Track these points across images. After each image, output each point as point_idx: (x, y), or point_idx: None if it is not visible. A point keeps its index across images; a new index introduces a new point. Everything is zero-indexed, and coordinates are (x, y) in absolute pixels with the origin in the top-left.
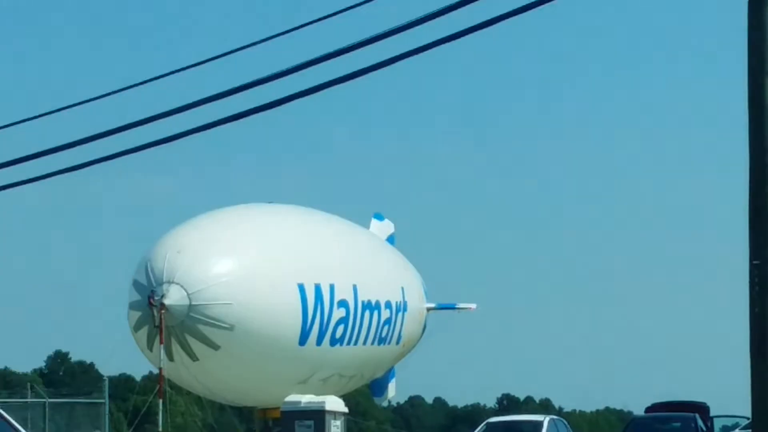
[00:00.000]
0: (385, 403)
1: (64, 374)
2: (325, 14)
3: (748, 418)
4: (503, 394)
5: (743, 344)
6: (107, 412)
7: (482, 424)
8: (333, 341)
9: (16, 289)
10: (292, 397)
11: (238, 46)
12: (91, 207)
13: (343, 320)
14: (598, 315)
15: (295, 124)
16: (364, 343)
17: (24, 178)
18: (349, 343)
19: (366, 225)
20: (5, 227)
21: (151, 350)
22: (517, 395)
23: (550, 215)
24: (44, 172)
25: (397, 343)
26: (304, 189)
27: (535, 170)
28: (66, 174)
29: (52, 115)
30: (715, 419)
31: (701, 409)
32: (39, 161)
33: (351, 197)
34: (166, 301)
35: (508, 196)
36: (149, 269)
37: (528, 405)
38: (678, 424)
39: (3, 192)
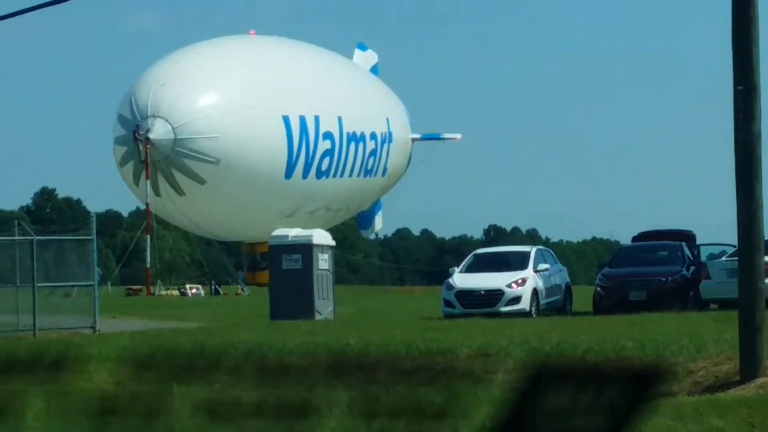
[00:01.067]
0: (372, 236)
1: (51, 211)
2: None
3: (734, 246)
4: (490, 225)
5: (729, 174)
6: (95, 248)
7: (469, 256)
8: (319, 174)
9: (1, 126)
10: (279, 231)
11: None
12: (74, 42)
13: (328, 152)
14: (584, 145)
15: None
16: (350, 175)
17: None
18: (335, 176)
19: (349, 55)
20: None
21: (137, 185)
22: (503, 226)
23: (537, 43)
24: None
25: (383, 174)
26: (287, 19)
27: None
28: (50, 7)
29: None
30: (701, 247)
31: (688, 237)
32: None
33: (334, 27)
34: (151, 136)
35: (494, 24)
36: (133, 103)
37: (515, 236)
38: (665, 253)
39: None
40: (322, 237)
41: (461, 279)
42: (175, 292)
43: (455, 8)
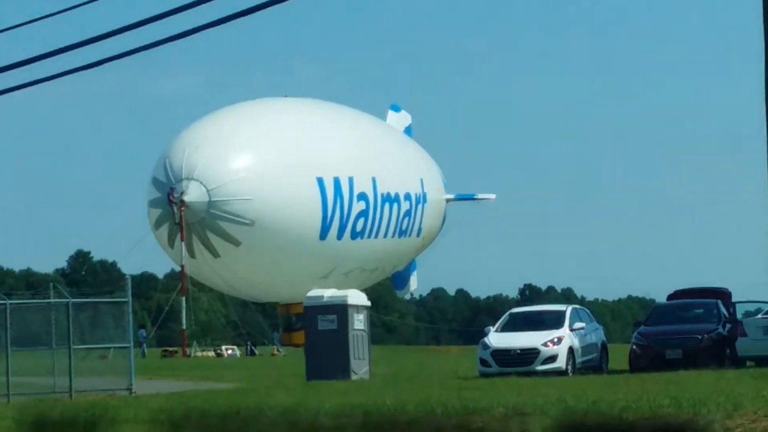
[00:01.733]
0: (407, 296)
1: (86, 273)
2: None
3: None
4: (525, 285)
5: (765, 232)
6: (131, 310)
7: (505, 315)
8: (354, 235)
9: (37, 190)
10: (314, 292)
11: None
12: (108, 106)
13: (363, 213)
14: (619, 204)
15: (308, 19)
16: (385, 236)
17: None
18: (369, 236)
19: (383, 117)
20: (25, 127)
21: (172, 247)
22: (539, 285)
23: (570, 103)
24: (62, 70)
25: (418, 235)
26: (320, 82)
27: (555, 64)
28: (83, 72)
29: (67, 13)
30: (737, 305)
31: (723, 295)
32: (56, 59)
33: (367, 89)
34: (186, 198)
35: (527, 87)
36: (168, 166)
37: (550, 294)
38: (700, 311)
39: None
40: (357, 297)
41: (497, 338)
42: (211, 353)
43: (488, 68)
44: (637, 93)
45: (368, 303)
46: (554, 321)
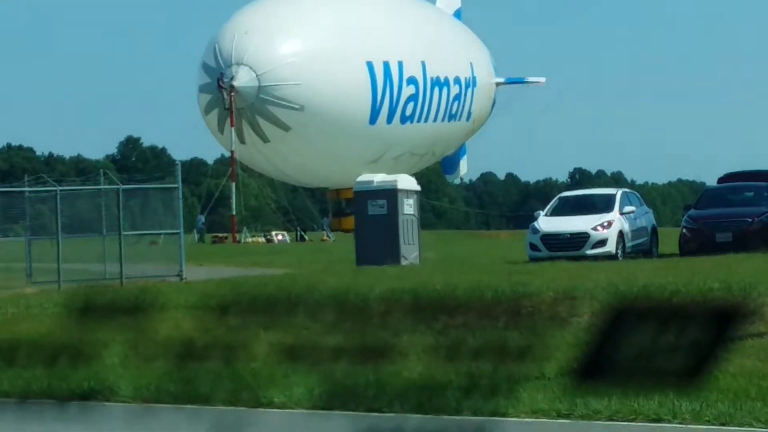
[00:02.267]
0: (457, 181)
1: (137, 159)
2: None
3: None
4: (575, 168)
5: None
6: (181, 196)
7: (555, 199)
8: (403, 119)
9: (87, 76)
10: (364, 177)
11: None
12: None
13: (412, 97)
14: (669, 86)
15: None
16: (435, 120)
17: None
18: (419, 121)
19: (432, 0)
20: (76, 13)
21: (222, 133)
22: (588, 169)
23: None
24: None
25: (468, 119)
26: None
27: None
28: None
29: None
30: None
31: None
32: None
33: None
34: (236, 83)
35: None
36: (217, 51)
37: (600, 178)
38: (751, 194)
39: None
40: (407, 182)
41: (546, 222)
42: (261, 239)
43: None
44: None
45: (418, 188)
46: (604, 205)
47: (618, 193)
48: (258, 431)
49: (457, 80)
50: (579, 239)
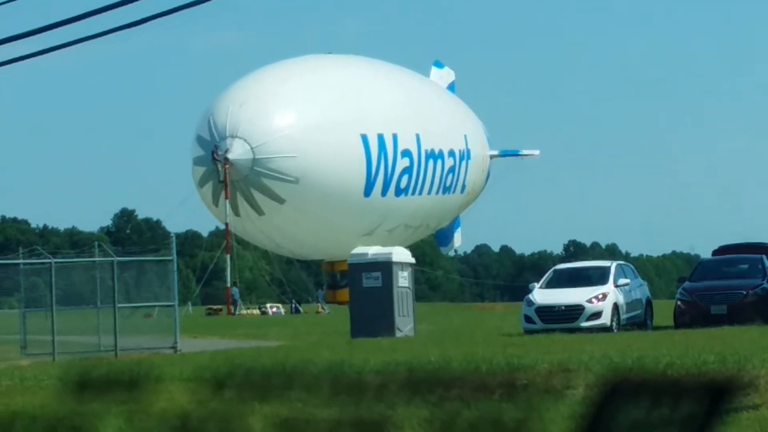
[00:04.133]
0: (451, 253)
1: (131, 232)
2: None
3: None
4: (569, 241)
5: None
6: (175, 269)
7: (549, 271)
8: (398, 191)
9: (82, 149)
10: (358, 249)
11: None
12: (153, 62)
13: (407, 170)
14: (662, 159)
15: None
16: (429, 192)
17: (84, 35)
18: (413, 193)
19: (426, 73)
20: (70, 86)
21: (216, 205)
22: (583, 241)
23: (616, 58)
24: (105, 29)
25: (462, 191)
26: (364, 38)
27: (599, 20)
28: (125, 31)
29: None
30: None
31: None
32: (102, 17)
33: (410, 46)
34: (230, 156)
35: (572, 41)
36: (212, 124)
37: (594, 251)
38: (745, 266)
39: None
40: (401, 254)
41: (541, 295)
42: (256, 311)
43: (531, 24)
44: (681, 40)
45: (412, 260)
46: (599, 277)
47: (613, 265)
48: None
49: (451, 153)
50: (574, 311)
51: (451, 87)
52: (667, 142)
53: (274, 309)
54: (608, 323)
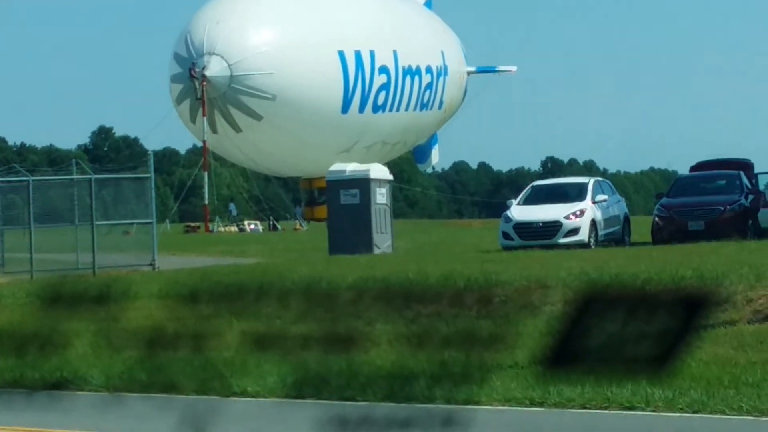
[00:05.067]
0: (429, 170)
1: (109, 149)
2: None
3: None
4: (547, 157)
5: None
6: (153, 186)
7: (527, 188)
8: (375, 108)
9: (58, 66)
10: (336, 166)
11: None
12: None
13: (384, 86)
14: (641, 74)
15: None
16: (407, 109)
17: None
18: (391, 110)
19: None
20: (47, 4)
21: (194, 123)
22: (560, 158)
23: None
24: None
25: (439, 108)
26: None
27: None
28: None
29: None
30: (759, 176)
31: (745, 166)
32: None
33: None
34: (208, 73)
35: None
36: (189, 41)
37: (572, 167)
38: (723, 182)
39: None
40: (379, 171)
41: (519, 211)
42: (234, 229)
43: None
44: None
45: (390, 177)
46: (576, 193)
47: (590, 181)
48: (230, 420)
49: (428, 69)
50: (551, 228)
51: (428, 3)
52: (644, 58)
53: (252, 226)
54: (586, 239)
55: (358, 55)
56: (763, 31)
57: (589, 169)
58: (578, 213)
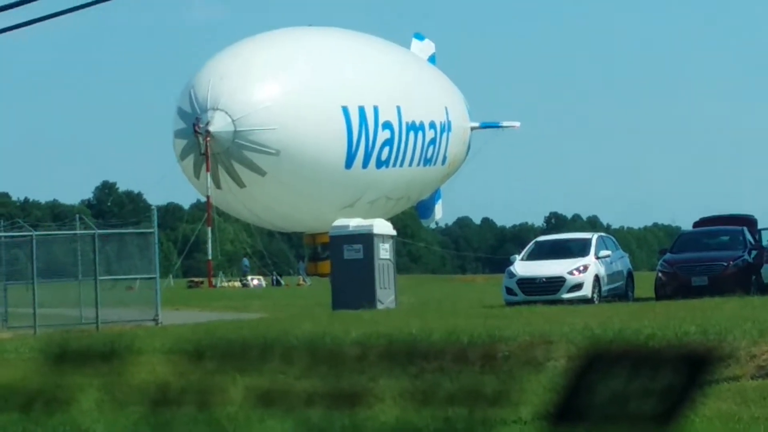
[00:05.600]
0: (432, 225)
1: (112, 204)
2: None
3: None
4: (551, 213)
5: None
6: (156, 241)
7: (531, 243)
8: (379, 163)
9: (63, 122)
10: (340, 222)
11: None
12: (133, 36)
13: (388, 142)
14: (644, 131)
15: None
16: (410, 164)
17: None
18: (395, 165)
19: (407, 46)
20: (51, 59)
21: (198, 178)
22: (564, 213)
23: (596, 30)
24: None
25: (443, 163)
26: (345, 11)
27: None
28: (103, 4)
29: None
30: (763, 232)
31: (749, 222)
32: None
33: (390, 18)
34: (211, 128)
35: (551, 13)
36: (193, 96)
37: (575, 223)
38: (726, 238)
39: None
40: (383, 226)
41: (523, 267)
42: (237, 284)
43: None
44: (664, 19)
45: (394, 232)
46: (580, 249)
47: (594, 237)
48: None
49: (432, 125)
50: (555, 283)
51: (432, 59)
52: (648, 114)
53: (255, 281)
54: (589, 295)
55: (361, 111)
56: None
57: (593, 224)
58: (582, 268)
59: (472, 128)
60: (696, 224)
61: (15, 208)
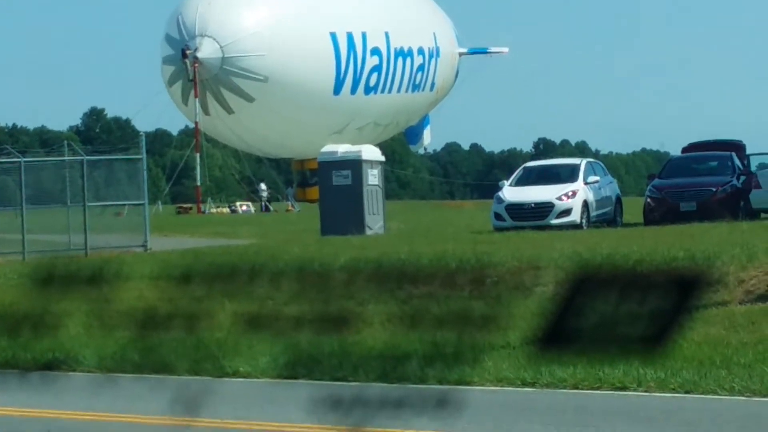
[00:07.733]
0: (420, 151)
1: (101, 131)
2: None
3: None
4: (539, 138)
5: None
6: (145, 167)
7: (519, 169)
8: (367, 89)
9: (49, 48)
10: (328, 148)
11: None
12: None
13: (376, 68)
14: (633, 55)
15: None
16: (398, 90)
17: None
18: (383, 91)
19: None
20: None
21: (186, 104)
22: (553, 139)
23: None
24: None
25: (431, 89)
26: None
27: None
28: None
29: None
30: (751, 157)
31: (737, 147)
32: None
33: None
34: (200, 55)
35: None
36: (181, 22)
37: (564, 148)
38: (715, 163)
39: None
40: (371, 152)
41: (511, 192)
42: (226, 210)
43: None
44: None
45: (382, 158)
46: (568, 175)
47: (582, 162)
48: (223, 400)
49: (420, 51)
50: (544, 209)
51: None
52: (638, 38)
53: (244, 207)
54: (578, 220)
55: (350, 37)
56: (756, 14)
57: (581, 150)
58: (570, 194)
59: (461, 54)
60: (685, 149)
61: (3, 135)
